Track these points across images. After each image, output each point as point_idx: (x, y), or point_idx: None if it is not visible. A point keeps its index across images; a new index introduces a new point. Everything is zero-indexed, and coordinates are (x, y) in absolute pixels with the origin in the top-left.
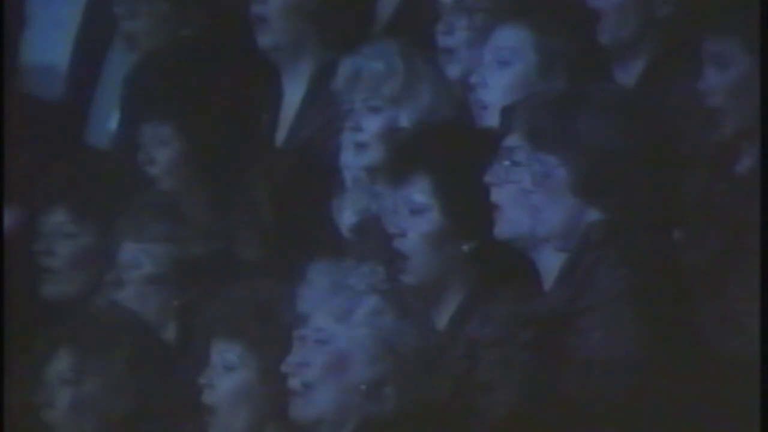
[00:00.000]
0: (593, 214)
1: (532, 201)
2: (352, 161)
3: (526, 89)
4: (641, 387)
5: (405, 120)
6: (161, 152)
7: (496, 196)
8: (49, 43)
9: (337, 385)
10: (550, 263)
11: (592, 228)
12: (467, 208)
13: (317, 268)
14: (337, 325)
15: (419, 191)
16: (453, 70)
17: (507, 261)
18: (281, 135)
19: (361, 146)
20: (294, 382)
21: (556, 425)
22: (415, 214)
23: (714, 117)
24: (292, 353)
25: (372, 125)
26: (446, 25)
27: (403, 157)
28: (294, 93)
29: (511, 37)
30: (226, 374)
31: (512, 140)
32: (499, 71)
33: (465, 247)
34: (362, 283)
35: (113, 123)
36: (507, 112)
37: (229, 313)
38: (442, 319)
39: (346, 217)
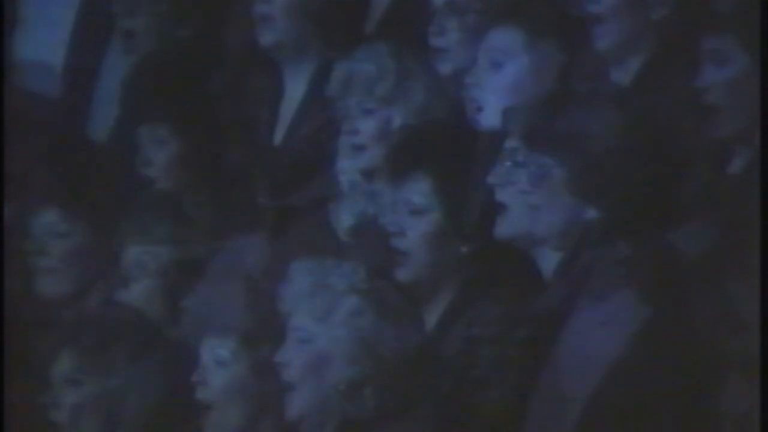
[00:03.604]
0: (591, 214)
1: (530, 202)
2: (348, 165)
3: (520, 90)
4: (640, 385)
5: (399, 119)
6: (158, 154)
7: (501, 196)
8: (45, 41)
9: (317, 384)
10: (550, 262)
11: (589, 227)
12: (467, 209)
13: (298, 267)
14: (317, 325)
15: (418, 192)
16: (445, 68)
17: (504, 261)
18: (279, 134)
19: (357, 149)
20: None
21: (553, 423)
22: (415, 214)
23: (710, 114)
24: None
25: (367, 127)
26: (438, 27)
27: (402, 158)
28: (295, 92)
29: (504, 38)
30: (219, 370)
31: (512, 141)
32: (494, 73)
33: (463, 249)
34: (342, 283)
35: (109, 122)
36: (506, 114)
37: (221, 309)
38: (432, 318)
39: (344, 220)
